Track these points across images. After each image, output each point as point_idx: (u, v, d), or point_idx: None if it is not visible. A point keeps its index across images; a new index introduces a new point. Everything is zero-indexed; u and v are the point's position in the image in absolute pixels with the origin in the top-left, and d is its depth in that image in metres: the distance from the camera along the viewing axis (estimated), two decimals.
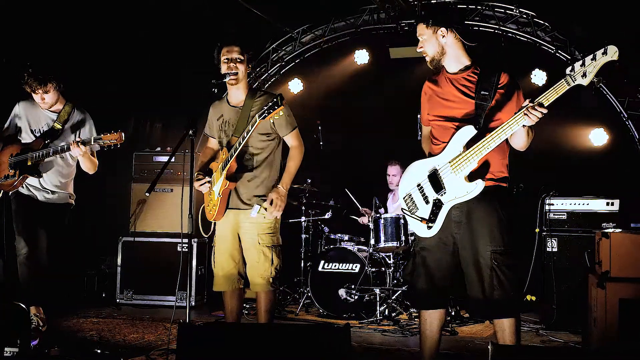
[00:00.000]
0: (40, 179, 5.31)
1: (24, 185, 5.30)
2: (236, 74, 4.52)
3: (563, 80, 3.51)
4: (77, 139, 5.12)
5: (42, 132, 5.38)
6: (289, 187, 4.61)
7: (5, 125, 5.47)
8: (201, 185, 4.67)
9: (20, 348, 3.98)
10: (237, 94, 4.66)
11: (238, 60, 4.53)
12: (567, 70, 3.51)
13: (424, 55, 4.02)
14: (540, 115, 3.51)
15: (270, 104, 4.29)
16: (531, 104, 3.53)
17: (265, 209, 4.51)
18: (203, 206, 4.85)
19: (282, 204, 4.52)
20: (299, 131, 4.72)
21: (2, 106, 5.56)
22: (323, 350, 3.15)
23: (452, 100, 3.94)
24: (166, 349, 5.01)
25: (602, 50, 3.41)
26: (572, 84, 3.50)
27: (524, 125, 3.60)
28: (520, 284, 3.99)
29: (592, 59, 3.44)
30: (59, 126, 5.37)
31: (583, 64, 3.46)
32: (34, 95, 5.29)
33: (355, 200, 7.76)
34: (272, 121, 4.47)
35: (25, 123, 5.43)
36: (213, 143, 4.90)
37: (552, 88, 3.53)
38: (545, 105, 3.51)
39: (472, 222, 3.81)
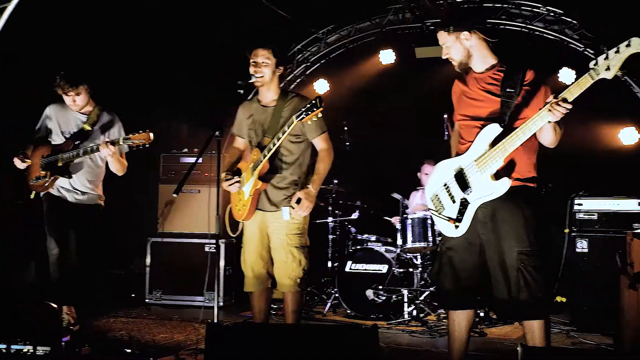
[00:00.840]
0: (70, 180, 5.37)
1: (54, 187, 5.37)
2: (261, 76, 4.54)
3: (587, 74, 3.47)
4: (107, 139, 5.17)
5: (72, 133, 5.45)
6: (318, 190, 4.61)
7: (37, 128, 5.55)
8: (230, 185, 4.66)
9: (51, 347, 4.03)
10: (268, 94, 4.67)
11: (264, 63, 4.53)
12: (591, 64, 3.47)
13: (451, 60, 4.00)
14: (564, 111, 3.47)
15: (308, 105, 4.29)
16: (555, 100, 3.49)
17: (293, 208, 4.51)
18: (230, 206, 4.86)
19: (310, 205, 4.51)
20: (328, 135, 4.71)
21: (33, 109, 5.64)
22: (350, 351, 3.15)
23: (478, 100, 3.92)
24: (195, 348, 5.05)
25: (625, 43, 3.37)
26: (596, 78, 3.46)
27: (549, 121, 3.57)
28: (547, 285, 3.95)
29: (615, 52, 3.40)
30: (88, 127, 5.44)
31: (607, 57, 3.42)
32: (65, 97, 5.35)
33: (402, 204, 7.64)
34: (303, 123, 4.48)
35: (56, 125, 5.50)
36: (240, 143, 4.91)
37: (576, 82, 3.50)
38: (569, 101, 3.48)
39: (497, 223, 3.79)
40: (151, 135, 5.10)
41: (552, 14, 7.71)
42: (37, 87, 5.46)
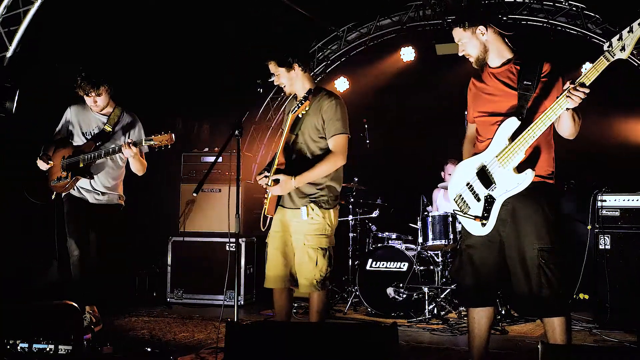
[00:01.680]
0: (91, 181, 5.42)
1: (75, 187, 5.42)
2: (284, 86, 4.56)
3: (602, 56, 3.46)
4: (129, 140, 5.20)
5: (92, 134, 5.49)
6: (300, 185, 4.45)
7: (57, 129, 5.60)
8: (260, 179, 4.62)
9: (73, 346, 4.07)
10: (299, 92, 4.56)
11: (277, 74, 4.51)
12: (605, 47, 3.46)
13: (468, 57, 3.98)
14: (582, 96, 3.45)
15: (301, 98, 4.32)
16: (572, 85, 3.47)
17: (312, 209, 4.49)
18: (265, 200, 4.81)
19: (281, 191, 4.45)
20: (346, 140, 4.50)
21: (54, 110, 5.69)
22: (370, 349, 3.15)
23: (495, 95, 3.90)
24: (215, 347, 5.06)
25: (638, 21, 3.36)
26: (612, 59, 3.44)
27: (567, 109, 3.55)
28: (569, 282, 3.93)
29: (629, 32, 3.39)
30: (109, 128, 5.48)
31: (620, 38, 3.40)
32: (86, 98, 5.39)
33: (423, 202, 7.60)
34: (323, 119, 4.45)
35: (77, 126, 5.55)
36: None
37: (592, 66, 3.48)
38: (587, 85, 3.45)
39: (518, 220, 3.77)
40: (173, 136, 5.13)
41: (574, 8, 7.65)
42: (59, 88, 5.50)
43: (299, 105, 4.35)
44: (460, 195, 4.02)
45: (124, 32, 6.84)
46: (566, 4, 7.66)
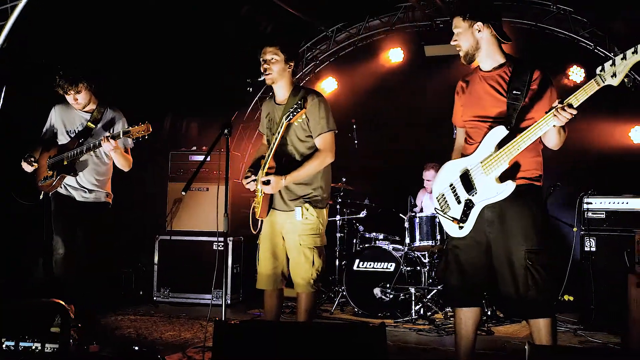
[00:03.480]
0: (77, 178, 5.39)
1: (62, 186, 5.39)
2: (270, 74, 4.51)
3: (593, 80, 3.47)
4: (107, 134, 5.18)
5: (77, 132, 5.47)
6: (290, 183, 4.47)
7: (44, 130, 5.58)
8: (247, 183, 4.65)
9: (59, 345, 4.06)
10: (280, 92, 4.62)
11: (272, 60, 4.51)
12: (597, 70, 3.47)
13: (458, 49, 3.98)
14: (569, 117, 3.48)
15: (295, 105, 4.29)
16: (560, 105, 3.50)
17: (307, 209, 4.50)
18: (254, 204, 4.81)
19: (271, 190, 4.45)
20: (333, 137, 4.53)
21: (42, 107, 5.66)
22: (358, 349, 3.16)
23: (485, 99, 3.92)
24: (202, 346, 5.07)
25: (632, 50, 3.37)
26: (602, 84, 3.46)
27: (554, 125, 3.58)
28: (555, 284, 3.97)
29: (622, 59, 3.39)
30: (92, 125, 5.44)
31: (613, 64, 3.41)
32: (66, 96, 5.36)
33: (410, 203, 7.63)
34: (307, 119, 4.46)
35: (61, 125, 5.52)
36: (265, 139, 4.89)
37: (582, 88, 3.49)
38: (574, 106, 3.48)
39: (505, 222, 3.79)
40: (150, 126, 5.08)
41: (562, 12, 7.70)
42: (46, 85, 5.46)
43: (294, 113, 4.30)
44: (443, 195, 4.05)
45: (113, 29, 6.79)
46: (554, 7, 7.71)
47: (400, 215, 7.80)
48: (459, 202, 3.92)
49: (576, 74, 8.02)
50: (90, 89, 5.39)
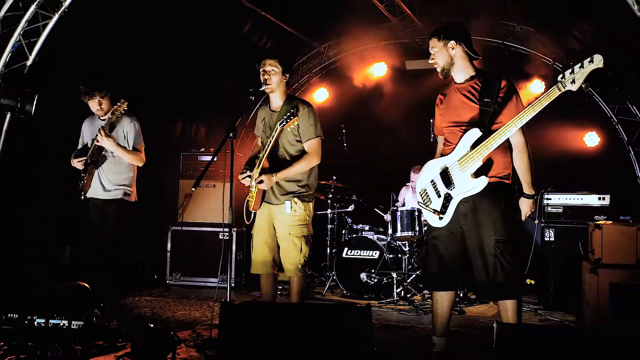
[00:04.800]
0: (100, 177, 5.31)
1: (91, 184, 5.33)
2: (269, 84, 4.51)
3: (555, 86, 3.50)
4: (102, 125, 5.12)
5: (95, 135, 5.41)
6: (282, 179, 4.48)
7: (78, 144, 5.54)
8: (242, 179, 4.66)
9: (84, 322, 4.04)
10: (275, 100, 4.62)
11: (272, 72, 4.51)
12: (559, 78, 3.49)
13: (435, 65, 4.01)
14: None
15: (288, 113, 4.30)
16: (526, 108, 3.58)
17: (296, 203, 4.50)
18: (248, 197, 4.80)
19: (265, 187, 4.43)
20: (319, 143, 4.54)
21: (70, 115, 5.64)
22: (347, 326, 3.15)
23: (460, 107, 3.94)
24: (210, 324, 5.05)
25: (588, 59, 3.38)
26: (563, 90, 3.48)
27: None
28: (520, 270, 3.97)
29: (580, 67, 3.41)
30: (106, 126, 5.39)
31: (572, 72, 3.43)
32: (90, 104, 5.27)
33: (392, 199, 7.59)
34: (297, 126, 4.46)
35: (88, 135, 5.48)
36: (259, 142, 4.88)
37: (546, 93, 3.51)
38: (538, 110, 3.52)
39: (477, 215, 3.80)
40: (126, 100, 5.05)
41: (525, 31, 7.72)
42: (73, 94, 5.42)
43: (287, 119, 4.30)
44: (425, 190, 4.06)
45: (128, 42, 6.70)
46: (518, 28, 7.73)
47: (378, 211, 7.83)
48: (439, 196, 3.93)
49: (537, 86, 8.03)
50: (109, 97, 5.30)
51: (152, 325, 3.83)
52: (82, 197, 5.36)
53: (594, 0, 6.01)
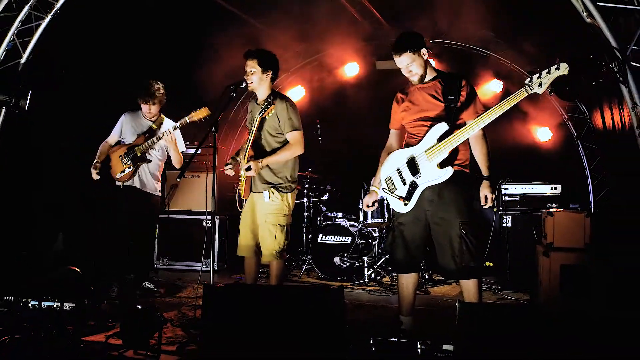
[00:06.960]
0: (143, 172, 5.56)
1: (131, 177, 5.53)
2: (251, 82, 4.49)
3: (522, 88, 3.55)
4: (170, 128, 5.35)
5: (143, 132, 5.57)
6: (266, 165, 4.47)
7: (113, 131, 5.67)
8: (226, 170, 4.64)
9: (76, 303, 4.00)
10: (260, 94, 4.59)
11: (251, 72, 4.49)
12: (526, 81, 3.53)
13: (414, 76, 3.96)
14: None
15: (266, 103, 4.32)
16: (493, 108, 3.62)
17: (273, 193, 4.48)
18: (239, 186, 4.76)
19: (253, 173, 4.42)
20: (301, 134, 4.52)
21: (64, 109, 5.57)
22: (322, 306, 3.16)
23: (425, 105, 3.96)
24: (194, 305, 5.03)
25: (555, 66, 3.44)
26: (530, 92, 3.53)
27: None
28: (482, 252, 4.04)
29: (547, 73, 3.46)
30: (155, 127, 5.59)
31: (539, 76, 3.47)
32: (144, 106, 5.52)
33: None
34: (277, 118, 4.44)
35: (131, 128, 5.61)
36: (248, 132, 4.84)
37: (514, 95, 3.55)
38: (505, 110, 3.57)
39: (443, 200, 3.85)
40: (207, 109, 5.05)
41: (485, 36, 7.76)
42: (65, 91, 5.34)
43: (265, 109, 4.32)
44: (390, 178, 4.07)
45: (120, 40, 6.57)
46: (479, 31, 7.76)
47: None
48: (405, 184, 3.95)
49: (495, 85, 8.09)
50: (162, 104, 5.62)
51: (139, 307, 3.80)
52: (121, 186, 5.52)
53: (548, 8, 6.05)
